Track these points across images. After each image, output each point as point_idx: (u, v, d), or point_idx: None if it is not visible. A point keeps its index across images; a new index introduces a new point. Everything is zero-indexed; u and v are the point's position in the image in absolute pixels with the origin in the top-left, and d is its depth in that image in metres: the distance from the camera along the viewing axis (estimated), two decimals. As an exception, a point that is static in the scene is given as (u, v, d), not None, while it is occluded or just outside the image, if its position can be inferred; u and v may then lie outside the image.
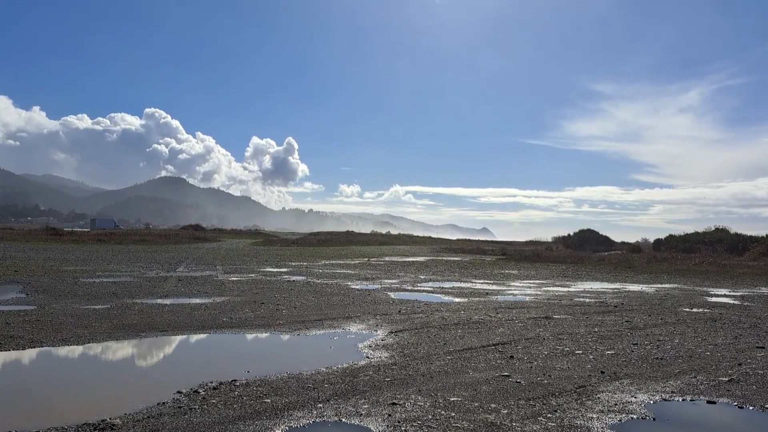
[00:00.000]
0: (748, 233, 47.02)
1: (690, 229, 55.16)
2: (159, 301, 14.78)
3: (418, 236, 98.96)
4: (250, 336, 10.52)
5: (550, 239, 73.03)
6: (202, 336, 10.43)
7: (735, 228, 51.41)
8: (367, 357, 8.68)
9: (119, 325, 10.99)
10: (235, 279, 21.31)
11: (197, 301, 14.93)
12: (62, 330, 10.30)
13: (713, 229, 51.21)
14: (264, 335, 10.58)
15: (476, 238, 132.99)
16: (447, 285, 21.46)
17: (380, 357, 8.66)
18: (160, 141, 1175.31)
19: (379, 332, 10.85)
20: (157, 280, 19.98)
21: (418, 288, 20.07)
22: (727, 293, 20.22)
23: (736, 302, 17.33)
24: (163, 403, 6.29)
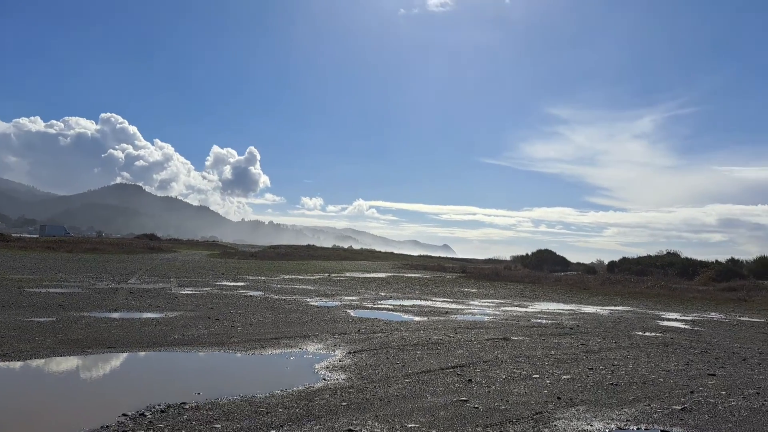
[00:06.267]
0: (698, 258, 48.47)
1: (642, 252, 56.73)
2: (108, 314, 14.25)
3: (380, 252, 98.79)
4: (202, 355, 10.19)
5: (509, 258, 73.89)
6: (152, 354, 10.06)
7: (685, 252, 53.04)
8: (324, 379, 8.49)
9: (65, 340, 10.52)
10: (189, 293, 20.77)
11: (148, 315, 14.46)
12: (2, 344, 9.78)
13: (665, 253, 52.64)
14: (217, 354, 10.27)
15: (437, 254, 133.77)
16: (407, 303, 21.39)
17: (337, 379, 8.48)
18: (116, 147, 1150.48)
19: (337, 352, 10.66)
20: (107, 292, 19.32)
21: (379, 306, 19.93)
22: (678, 317, 20.71)
23: (687, 327, 17.74)
24: (107, 426, 5.99)
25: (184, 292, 20.70)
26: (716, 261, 46.78)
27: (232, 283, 26.41)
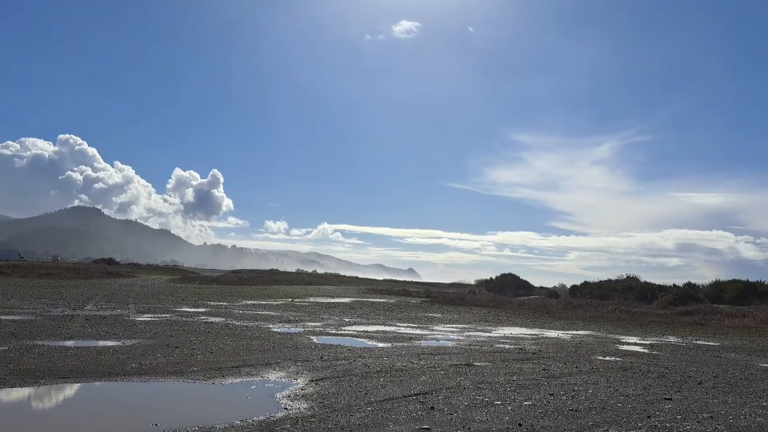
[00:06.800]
0: (657, 282, 49.77)
1: (603, 276, 57.86)
2: (62, 343, 13.81)
3: (344, 276, 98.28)
4: (160, 384, 9.94)
5: (473, 282, 74.36)
6: (107, 384, 9.77)
7: (644, 276, 54.26)
8: (286, 408, 8.36)
9: (16, 370, 10.14)
10: (148, 319, 20.28)
11: (105, 343, 14.06)
12: (-52, 377, 9.37)
13: (625, 277, 53.81)
14: (176, 384, 10.03)
15: (402, 278, 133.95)
16: (371, 329, 21.29)
17: (299, 408, 8.37)
18: (75, 169, 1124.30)
19: (299, 381, 10.53)
20: (61, 319, 18.72)
21: (342, 332, 19.79)
22: (638, 341, 21.12)
23: (645, 351, 18.10)
24: (58, 463, 5.77)
25: (142, 319, 20.20)
26: (674, 285, 48.13)
27: (193, 309, 25.90)
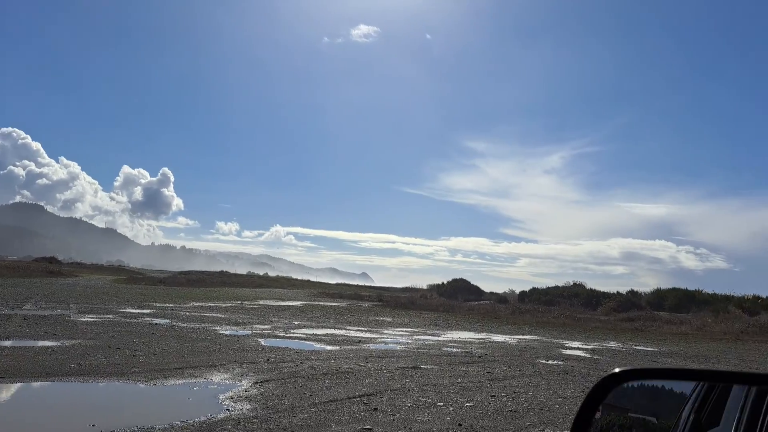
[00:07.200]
0: (602, 289, 51.26)
1: (551, 283, 59.27)
2: (-3, 343, 13.29)
3: (296, 279, 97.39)
4: (100, 385, 9.72)
5: (425, 286, 74.93)
6: (45, 384, 9.50)
7: (590, 284, 55.85)
8: (228, 410, 8.31)
9: (-56, 372, 9.73)
10: (90, 320, 19.71)
11: (43, 343, 13.61)
12: None
13: (571, 284, 55.23)
14: (116, 385, 9.82)
15: (355, 282, 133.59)
16: (321, 332, 21.25)
17: (242, 409, 8.33)
18: (17, 164, 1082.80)
19: (243, 382, 10.45)
20: (-2, 319, 18.00)
21: (291, 335, 19.69)
22: (580, 346, 21.76)
23: (587, 355, 18.68)
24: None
25: (84, 320, 19.62)
26: (618, 292, 49.66)
27: (138, 311, 25.27)
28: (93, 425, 7.12)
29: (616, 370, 1.71)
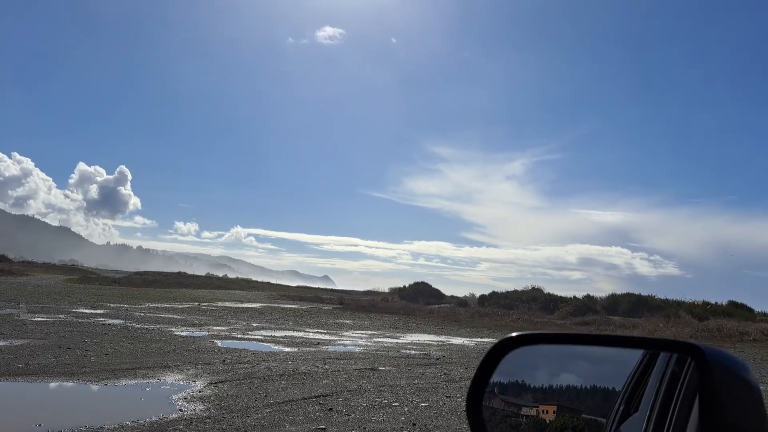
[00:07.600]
0: (559, 294, 52.29)
1: (511, 287, 60.13)
2: (-61, 342, 12.81)
3: (256, 281, 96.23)
4: (48, 385, 9.46)
5: (387, 290, 75.02)
6: (-11, 385, 9.18)
7: (548, 288, 56.93)
8: (180, 410, 8.20)
9: None
10: (40, 320, 19.13)
11: (-11, 344, 13.15)
12: None
13: (530, 288, 56.16)
14: (65, 385, 9.58)
15: (317, 285, 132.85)
16: (279, 334, 21.10)
17: (194, 410, 8.22)
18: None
19: (197, 383, 10.32)
20: (-59, 318, 17.32)
21: (249, 336, 19.49)
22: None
23: (541, 357, 19.03)
24: None
25: (34, 319, 19.03)
26: (574, 297, 50.75)
27: (90, 311, 24.64)
28: (39, 425, 6.95)
29: (513, 334, 1.76)
